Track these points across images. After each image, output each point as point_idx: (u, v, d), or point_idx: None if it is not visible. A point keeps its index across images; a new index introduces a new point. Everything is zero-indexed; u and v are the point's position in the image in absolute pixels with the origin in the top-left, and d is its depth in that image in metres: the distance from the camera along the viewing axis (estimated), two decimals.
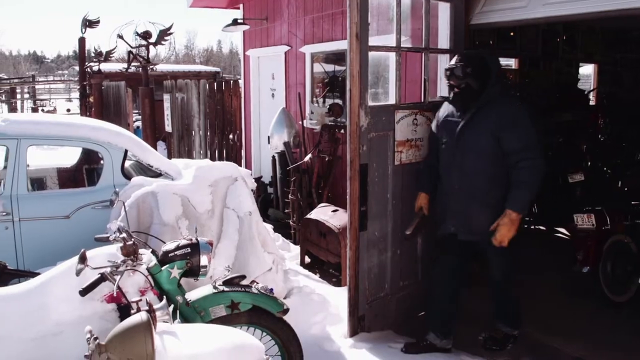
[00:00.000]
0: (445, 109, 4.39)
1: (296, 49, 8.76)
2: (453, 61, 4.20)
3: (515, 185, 4.00)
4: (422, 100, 4.92)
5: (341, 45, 7.36)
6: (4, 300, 3.07)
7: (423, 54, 4.94)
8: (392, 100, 4.84)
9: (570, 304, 5.40)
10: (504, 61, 12.88)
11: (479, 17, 5.18)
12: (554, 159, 7.17)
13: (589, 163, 7.74)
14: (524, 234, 4.25)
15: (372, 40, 4.43)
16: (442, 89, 5.29)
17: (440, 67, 5.40)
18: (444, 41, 5.19)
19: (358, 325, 4.65)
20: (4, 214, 5.02)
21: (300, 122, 8.13)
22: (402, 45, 4.69)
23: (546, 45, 10.17)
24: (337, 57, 8.04)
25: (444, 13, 5.18)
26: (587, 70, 12.90)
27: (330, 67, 8.23)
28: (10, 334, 2.90)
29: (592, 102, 10.71)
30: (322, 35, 8.08)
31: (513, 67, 10.43)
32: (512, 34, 9.85)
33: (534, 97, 9.04)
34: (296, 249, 6.81)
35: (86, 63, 15.53)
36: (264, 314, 3.37)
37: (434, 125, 4.51)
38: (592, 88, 11.39)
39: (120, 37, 10.66)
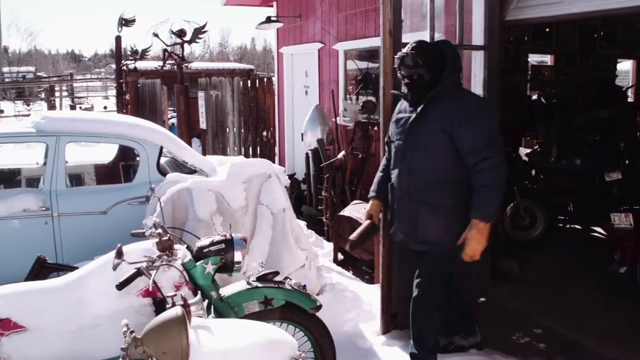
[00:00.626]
0: (399, 104, 4.04)
1: (329, 46, 8.76)
2: (405, 49, 3.79)
3: (476, 191, 3.55)
4: None
5: (374, 42, 7.34)
6: (44, 294, 3.14)
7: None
8: None
9: (606, 304, 5.31)
10: (539, 57, 12.74)
11: (513, 12, 5.12)
12: (590, 156, 7.05)
13: (627, 161, 7.59)
14: (559, 232, 4.17)
15: (406, 37, 4.41)
16: (476, 85, 5.25)
17: (475, 64, 5.35)
18: (478, 37, 5.14)
19: (390, 322, 4.64)
20: (44, 209, 5.13)
21: (334, 119, 8.14)
22: None
23: (583, 41, 10.01)
24: (370, 54, 8.03)
25: (478, 9, 5.13)
26: (625, 66, 12.67)
27: (363, 64, 8.22)
28: (50, 326, 2.97)
29: (630, 99, 10.51)
30: (355, 32, 8.07)
31: (548, 64, 10.28)
32: (547, 29, 9.72)
33: (569, 94, 8.89)
34: (329, 246, 6.82)
35: (122, 61, 15.73)
36: (297, 310, 3.39)
37: (390, 124, 4.13)
38: (630, 84, 11.17)
39: (156, 35, 10.77)
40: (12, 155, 8.19)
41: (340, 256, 6.61)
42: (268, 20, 9.45)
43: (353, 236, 4.23)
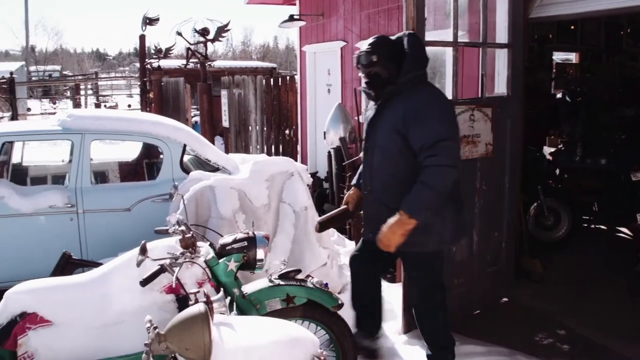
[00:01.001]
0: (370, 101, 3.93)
1: (352, 44, 8.75)
2: (363, 47, 3.68)
3: (415, 185, 3.35)
4: (480, 95, 4.84)
5: None
6: (70, 289, 3.19)
7: (481, 48, 4.87)
8: (448, 95, 4.78)
9: (631, 305, 5.24)
10: (564, 55, 12.60)
11: (538, 10, 5.07)
12: (616, 155, 6.97)
13: None
14: (584, 232, 4.11)
15: (429, 35, 4.39)
16: (500, 84, 5.21)
17: (499, 62, 5.32)
18: (502, 35, 5.10)
19: (412, 321, 4.62)
20: (69, 205, 5.20)
21: (356, 118, 8.12)
22: (459, 40, 4.63)
23: (609, 38, 9.89)
24: None
25: (502, 6, 5.09)
26: None
27: None
28: (75, 321, 3.01)
29: None
30: (378, 30, 8.05)
31: (573, 61, 10.17)
32: (572, 27, 9.62)
33: (595, 92, 8.80)
34: (351, 245, 6.81)
35: (146, 60, 15.86)
36: (318, 308, 3.39)
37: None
38: None
39: (179, 34, 10.84)
40: (39, 152, 8.30)
41: None
42: (291, 18, 9.47)
43: (321, 218, 4.17)
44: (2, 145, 5.31)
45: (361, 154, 4.10)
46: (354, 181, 4.13)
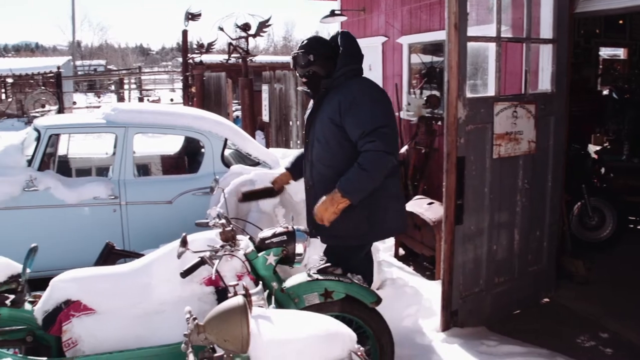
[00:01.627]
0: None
1: (393, 39, 8.70)
2: (299, 47, 3.77)
3: (352, 167, 3.43)
4: (523, 92, 4.77)
5: (439, 35, 7.25)
6: (113, 279, 3.25)
7: (524, 44, 4.79)
8: (491, 92, 4.74)
9: None
10: (611, 50, 12.29)
11: (584, 4, 4.96)
12: None
13: None
14: (630, 233, 4.01)
15: (471, 31, 4.34)
16: (544, 80, 5.12)
17: (543, 58, 5.22)
18: (546, 30, 5.00)
19: (451, 319, 4.60)
20: (112, 197, 5.30)
21: (397, 114, 8.09)
22: (502, 36, 4.57)
23: None
24: (434, 48, 7.93)
25: (547, 1, 4.99)
26: None
27: (427, 58, 8.13)
28: (117, 310, 3.07)
29: None
30: (419, 25, 7.99)
31: (621, 57, 9.94)
32: (621, 21, 9.38)
33: None
34: (390, 241, 6.79)
35: (189, 55, 16.05)
36: (356, 304, 3.38)
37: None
38: None
39: (221, 29, 10.93)
40: (84, 145, 8.47)
41: (401, 251, 6.58)
42: (332, 13, 9.46)
43: (246, 190, 4.47)
44: (49, 137, 5.43)
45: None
46: (287, 164, 4.24)
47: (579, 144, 6.77)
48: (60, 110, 18.68)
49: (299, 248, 3.22)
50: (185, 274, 3.07)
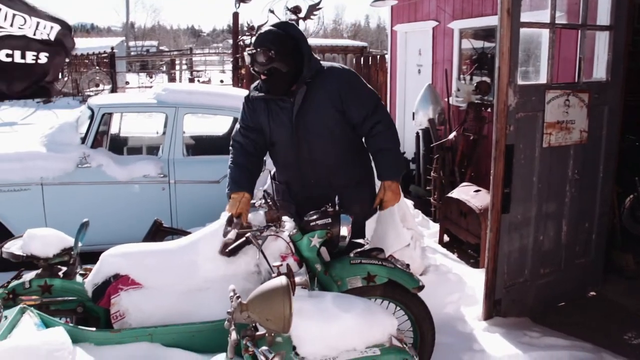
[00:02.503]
0: (254, 106, 3.72)
1: (444, 24, 8.58)
2: (255, 42, 3.52)
3: (378, 155, 3.64)
4: (576, 80, 4.65)
5: (491, 21, 7.10)
6: (160, 255, 3.33)
7: (579, 31, 4.67)
8: (543, 79, 4.63)
9: None
10: None
11: None
12: None
13: None
14: None
15: (524, 16, 4.25)
16: (599, 68, 4.99)
17: (598, 45, 5.08)
18: (603, 17, 4.86)
19: (493, 309, 4.56)
20: (162, 176, 5.41)
21: (446, 99, 8.00)
22: (556, 22, 4.46)
23: None
24: (486, 33, 7.79)
25: None
26: None
27: (479, 44, 7.99)
28: (164, 285, 3.14)
29: None
30: (471, 10, 7.85)
31: None
32: None
33: None
34: (435, 227, 6.76)
35: (239, 37, 16.12)
36: (399, 289, 3.39)
37: (240, 129, 3.80)
38: None
39: (272, 11, 10.94)
40: (135, 124, 8.63)
41: (446, 238, 6.54)
42: None
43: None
44: (102, 116, 5.56)
45: (233, 161, 3.77)
46: (237, 187, 3.61)
47: (633, 135, 6.58)
48: (114, 90, 19.05)
49: (343, 231, 3.23)
50: (230, 252, 3.12)
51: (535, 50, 6.41)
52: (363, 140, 3.79)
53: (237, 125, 3.85)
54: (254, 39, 3.56)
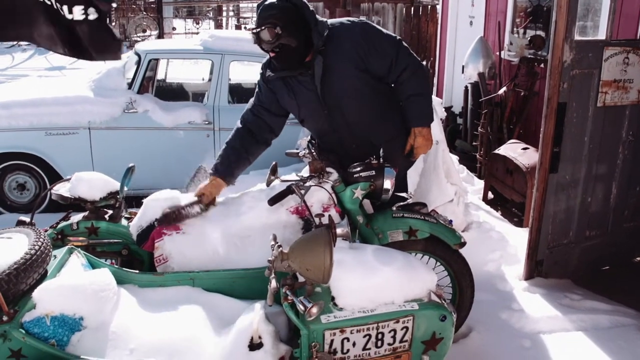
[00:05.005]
0: (272, 86, 3.52)
1: None
2: (259, 21, 3.24)
3: (407, 101, 3.44)
4: (638, 37, 4.45)
5: None
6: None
7: None
8: (601, 35, 4.45)
9: None
10: None
11: None
12: None
13: None
14: None
15: None
16: None
17: None
18: None
19: (535, 269, 4.50)
20: (207, 122, 5.44)
21: (498, 53, 7.78)
22: None
23: None
24: None
25: None
26: None
27: None
28: (206, 231, 3.16)
29: None
30: None
31: None
32: None
33: None
34: (480, 184, 6.67)
35: None
36: (440, 245, 3.36)
37: (252, 108, 3.60)
38: None
39: None
40: (181, 70, 8.65)
41: (490, 195, 6.45)
42: None
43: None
44: (148, 62, 5.59)
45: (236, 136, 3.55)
46: (213, 169, 3.45)
47: None
48: (160, 36, 19.11)
49: (387, 184, 3.19)
50: (272, 201, 3.12)
51: (595, 4, 6.15)
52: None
53: (250, 103, 3.63)
54: (255, 15, 3.29)
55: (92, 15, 2.87)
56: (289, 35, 3.20)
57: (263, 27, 3.18)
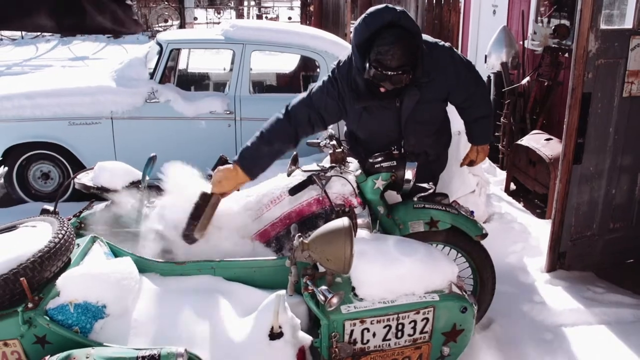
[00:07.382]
0: (340, 103, 3.28)
1: None
2: (385, 60, 2.93)
3: (474, 122, 3.53)
4: None
5: None
6: None
7: None
8: (628, 24, 4.37)
9: None
10: None
11: None
12: None
13: None
14: None
15: None
16: None
17: None
18: None
19: (557, 261, 4.46)
20: (228, 112, 5.45)
21: (521, 42, 7.69)
22: None
23: None
24: None
25: None
26: None
27: None
28: (228, 221, 3.17)
29: None
30: None
31: None
32: None
33: None
34: (502, 174, 6.62)
35: None
36: (461, 236, 3.34)
37: (307, 100, 3.32)
38: None
39: None
40: (203, 60, 8.68)
41: (512, 186, 6.40)
42: None
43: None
44: (170, 51, 5.61)
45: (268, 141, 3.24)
46: (238, 158, 3.18)
47: None
48: (182, 25, 19.19)
49: (408, 174, 3.17)
50: (293, 191, 3.12)
51: None
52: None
53: (304, 95, 3.36)
54: (379, 50, 2.94)
55: None
56: (414, 69, 3.06)
57: (395, 73, 2.95)
